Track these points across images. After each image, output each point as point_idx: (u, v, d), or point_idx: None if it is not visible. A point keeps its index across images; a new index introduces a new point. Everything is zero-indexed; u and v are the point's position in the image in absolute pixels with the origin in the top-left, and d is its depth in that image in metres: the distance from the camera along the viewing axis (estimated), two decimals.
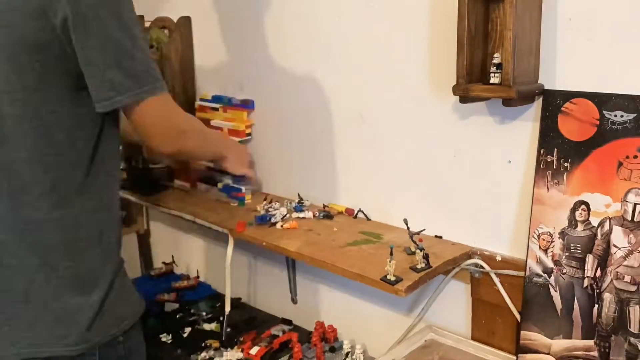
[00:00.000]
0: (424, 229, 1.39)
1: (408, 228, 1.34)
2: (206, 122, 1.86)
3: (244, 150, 1.67)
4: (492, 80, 1.20)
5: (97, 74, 1.12)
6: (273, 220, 1.57)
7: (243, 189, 1.74)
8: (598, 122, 1.15)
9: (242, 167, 1.61)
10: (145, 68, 1.15)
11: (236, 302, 1.88)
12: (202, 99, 1.92)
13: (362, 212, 1.57)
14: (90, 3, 1.09)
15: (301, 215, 1.60)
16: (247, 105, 1.80)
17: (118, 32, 1.12)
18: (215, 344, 1.70)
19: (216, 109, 1.86)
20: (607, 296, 1.16)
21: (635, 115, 1.11)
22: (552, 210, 1.21)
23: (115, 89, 1.12)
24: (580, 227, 1.18)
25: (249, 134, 1.82)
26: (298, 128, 1.70)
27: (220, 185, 1.80)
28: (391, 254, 1.23)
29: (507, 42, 1.13)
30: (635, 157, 1.12)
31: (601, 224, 1.16)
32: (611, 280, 1.15)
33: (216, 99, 1.88)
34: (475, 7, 1.19)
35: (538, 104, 1.23)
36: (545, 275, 1.23)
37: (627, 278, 1.14)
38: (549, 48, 1.20)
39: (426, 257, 1.26)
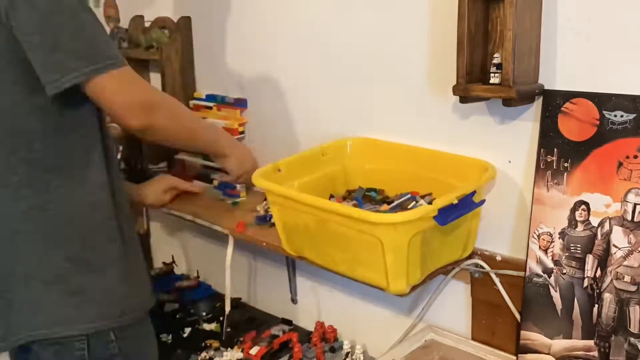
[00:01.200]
0: None
1: None
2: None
3: (249, 155, 1.57)
4: (492, 80, 1.20)
5: (40, 58, 1.12)
6: (273, 220, 1.57)
7: (238, 186, 1.75)
8: (598, 122, 1.15)
9: (239, 171, 1.53)
10: (93, 46, 1.14)
11: (236, 302, 1.88)
12: (196, 98, 1.93)
13: None
14: None
15: None
16: (240, 104, 1.81)
17: (56, 14, 1.11)
18: (215, 344, 1.70)
19: (210, 108, 1.87)
20: (607, 296, 1.16)
21: (635, 115, 1.11)
22: (552, 210, 1.21)
23: (60, 70, 1.11)
24: (580, 227, 1.18)
25: (242, 132, 1.82)
26: (297, 128, 1.70)
27: (215, 182, 1.81)
28: None
29: (507, 42, 1.13)
30: (635, 157, 1.12)
31: (601, 224, 1.16)
32: (611, 280, 1.15)
33: (210, 97, 1.89)
34: (475, 7, 1.19)
35: (538, 104, 1.23)
36: (545, 275, 1.23)
37: (627, 278, 1.14)
38: (549, 48, 1.20)
39: None
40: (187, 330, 1.82)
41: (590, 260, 1.18)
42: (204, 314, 1.90)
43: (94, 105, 1.21)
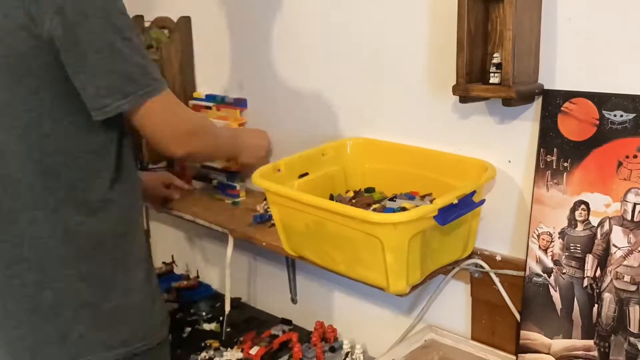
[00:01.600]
0: None
1: None
2: None
3: (261, 141, 1.62)
4: (491, 80, 1.20)
5: (91, 81, 1.08)
6: (272, 220, 1.57)
7: (237, 186, 1.75)
8: (598, 122, 1.15)
9: (253, 158, 1.58)
10: (142, 69, 1.12)
11: (236, 302, 1.88)
12: (195, 98, 1.93)
13: None
14: (78, 10, 1.05)
15: None
16: (240, 103, 1.82)
17: (110, 35, 1.08)
18: (215, 344, 1.70)
19: (209, 108, 1.87)
20: (607, 296, 1.16)
21: (635, 115, 1.11)
22: (552, 210, 1.21)
23: (112, 94, 1.09)
24: (580, 227, 1.18)
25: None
26: (296, 127, 1.70)
27: (214, 182, 1.81)
28: None
29: (507, 42, 1.13)
30: (635, 156, 1.12)
31: (601, 223, 1.16)
32: (611, 280, 1.15)
33: (209, 97, 1.89)
34: (475, 7, 1.19)
35: (538, 103, 1.23)
36: (545, 275, 1.23)
37: (627, 278, 1.14)
38: (549, 48, 1.20)
39: None
40: (187, 330, 1.82)
41: (590, 260, 1.18)
42: (204, 314, 1.90)
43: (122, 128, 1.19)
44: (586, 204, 1.17)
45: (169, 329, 1.33)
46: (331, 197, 1.44)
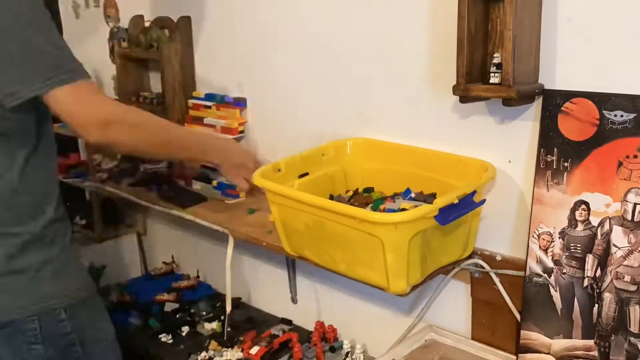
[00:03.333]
0: None
1: None
2: (199, 120, 1.87)
3: (245, 157, 1.54)
4: (492, 80, 1.20)
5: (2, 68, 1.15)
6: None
7: (237, 187, 1.75)
8: (598, 122, 1.15)
9: (238, 176, 1.52)
10: (55, 60, 1.18)
11: (236, 302, 1.88)
12: (195, 97, 1.93)
13: None
14: None
15: None
16: (239, 103, 1.81)
17: (19, 31, 1.15)
18: (215, 344, 1.70)
19: (209, 107, 1.87)
20: (607, 296, 1.16)
21: (635, 115, 1.11)
22: (552, 210, 1.21)
23: (16, 84, 1.16)
24: (580, 226, 1.18)
25: (242, 132, 1.82)
26: (296, 128, 1.70)
27: (214, 183, 1.81)
28: None
29: (507, 42, 1.13)
30: (635, 156, 1.12)
31: (601, 223, 1.16)
32: (611, 280, 1.15)
33: (209, 97, 1.89)
34: (475, 7, 1.19)
35: (538, 103, 1.23)
36: (545, 275, 1.23)
37: (627, 278, 1.14)
38: (549, 48, 1.20)
39: None
40: (187, 330, 1.82)
41: (590, 260, 1.18)
42: (204, 314, 1.90)
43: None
44: (586, 204, 1.17)
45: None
46: (331, 197, 1.44)
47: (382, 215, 1.20)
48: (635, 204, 1.12)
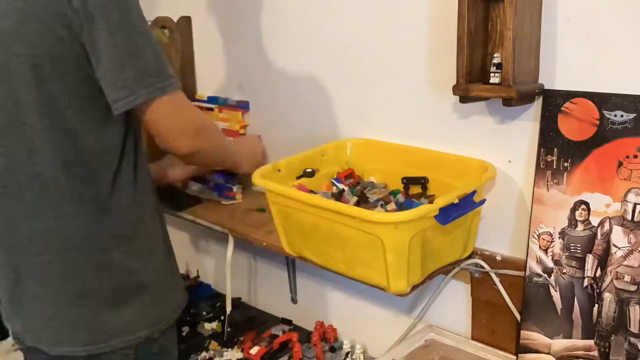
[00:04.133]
0: None
1: None
2: None
3: (256, 147, 1.64)
4: (492, 80, 1.20)
5: (108, 74, 1.12)
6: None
7: (234, 188, 1.74)
8: (598, 122, 1.15)
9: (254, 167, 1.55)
10: (157, 65, 1.15)
11: (236, 302, 1.88)
12: (197, 99, 1.93)
13: None
14: (97, 3, 1.09)
15: None
16: (242, 106, 1.81)
17: (127, 31, 1.11)
18: (215, 344, 1.70)
19: (211, 109, 1.87)
20: (607, 296, 1.16)
21: (635, 115, 1.11)
22: (552, 210, 1.21)
23: (128, 87, 1.12)
24: (580, 226, 1.18)
25: (244, 134, 1.82)
26: (296, 128, 1.70)
27: (211, 184, 1.80)
28: None
29: (507, 42, 1.13)
30: (635, 156, 1.12)
31: (601, 223, 1.16)
32: (611, 280, 1.15)
33: (211, 99, 1.89)
34: (475, 7, 1.19)
35: (538, 103, 1.23)
36: (545, 275, 1.23)
37: (627, 278, 1.14)
38: (549, 48, 1.20)
39: None
40: (187, 330, 1.82)
41: (590, 260, 1.18)
42: (204, 314, 1.89)
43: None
44: (586, 204, 1.17)
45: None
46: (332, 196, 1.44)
47: (382, 214, 1.20)
48: (635, 204, 1.12)
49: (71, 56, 1.12)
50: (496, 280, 1.33)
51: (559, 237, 1.21)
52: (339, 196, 1.40)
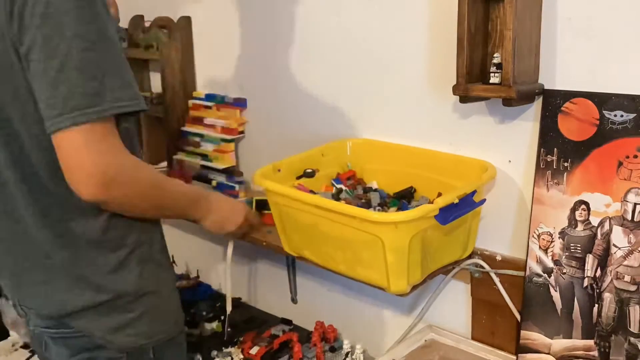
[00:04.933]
0: None
1: None
2: (199, 120, 1.87)
3: (236, 216, 1.38)
4: (492, 80, 1.20)
5: (39, 92, 0.97)
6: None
7: (236, 187, 1.75)
8: (598, 122, 1.15)
9: (222, 230, 1.37)
10: (76, 87, 0.95)
11: (236, 302, 1.88)
12: (195, 97, 1.93)
13: None
14: (35, 13, 0.94)
15: None
16: (240, 103, 1.81)
17: (65, 45, 0.95)
18: (215, 344, 1.70)
19: (209, 107, 1.87)
20: (607, 296, 1.16)
21: (635, 115, 1.11)
22: (552, 210, 1.21)
23: (47, 110, 0.96)
24: (580, 226, 1.18)
25: (242, 132, 1.82)
26: (296, 128, 1.70)
27: (214, 183, 1.81)
28: None
29: (507, 42, 1.13)
30: (635, 156, 1.12)
31: (601, 223, 1.16)
32: (611, 280, 1.15)
33: (209, 97, 1.89)
34: (475, 7, 1.19)
35: (538, 103, 1.23)
36: (545, 275, 1.23)
37: (627, 278, 1.14)
38: (549, 48, 1.20)
39: None
40: (187, 330, 1.82)
41: (590, 260, 1.18)
42: (204, 314, 1.89)
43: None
44: (586, 204, 1.17)
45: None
46: (332, 197, 1.44)
47: (382, 214, 1.20)
48: (635, 204, 1.12)
49: (7, 66, 1.00)
50: (496, 280, 1.33)
51: (559, 237, 1.21)
52: (337, 196, 1.41)
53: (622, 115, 1.13)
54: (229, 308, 1.64)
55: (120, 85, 1.00)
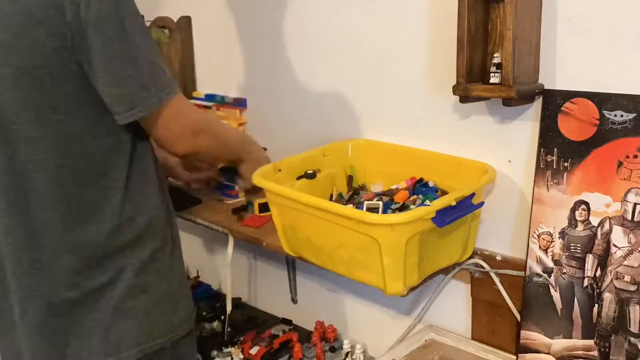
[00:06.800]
0: None
1: None
2: None
3: (264, 159, 1.54)
4: (492, 80, 1.20)
5: (107, 89, 1.12)
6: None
7: (236, 187, 1.75)
8: (598, 122, 1.15)
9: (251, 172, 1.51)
10: (154, 75, 1.15)
11: (236, 302, 1.88)
12: (195, 97, 1.93)
13: None
14: (91, 18, 1.07)
15: None
16: (239, 103, 1.81)
17: (122, 44, 1.11)
18: (215, 344, 1.70)
19: (209, 107, 1.87)
20: (607, 296, 1.16)
21: (635, 115, 1.11)
22: (552, 210, 1.21)
23: (127, 102, 1.12)
24: (580, 226, 1.18)
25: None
26: (296, 128, 1.70)
27: (213, 182, 1.80)
28: None
29: (507, 42, 1.13)
30: (635, 156, 1.12)
31: (601, 223, 1.16)
32: (611, 280, 1.15)
33: (209, 97, 1.89)
34: (475, 7, 1.19)
35: (538, 103, 1.23)
36: (545, 275, 1.23)
37: (627, 278, 1.14)
38: (549, 48, 1.20)
39: None
40: None
41: (590, 259, 1.18)
42: (204, 313, 1.89)
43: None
44: (586, 204, 1.17)
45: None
46: (331, 198, 1.44)
47: (378, 216, 1.20)
48: (635, 204, 1.12)
49: (64, 70, 1.11)
50: (496, 280, 1.33)
51: (559, 237, 1.21)
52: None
53: (622, 115, 1.12)
54: (229, 308, 1.64)
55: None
